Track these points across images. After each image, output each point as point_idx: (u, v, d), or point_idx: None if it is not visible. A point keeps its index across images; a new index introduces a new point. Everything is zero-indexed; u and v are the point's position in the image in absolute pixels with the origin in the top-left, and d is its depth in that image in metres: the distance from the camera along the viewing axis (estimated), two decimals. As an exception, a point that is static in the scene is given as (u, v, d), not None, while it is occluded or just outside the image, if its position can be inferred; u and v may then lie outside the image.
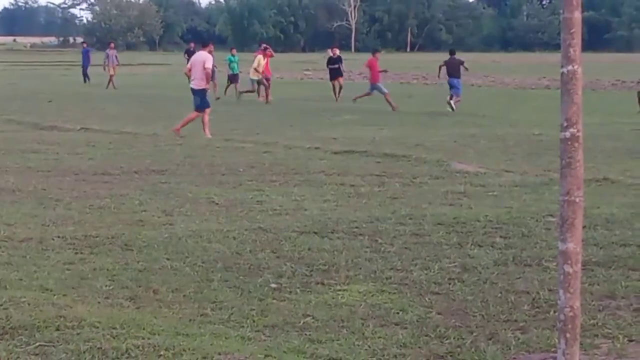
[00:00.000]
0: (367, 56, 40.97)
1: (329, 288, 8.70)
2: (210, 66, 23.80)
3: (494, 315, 7.80)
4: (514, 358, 6.73)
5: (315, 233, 11.21)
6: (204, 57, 23.85)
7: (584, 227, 6.96)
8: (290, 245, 10.50)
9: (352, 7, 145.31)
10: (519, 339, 7.16)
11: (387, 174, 16.61)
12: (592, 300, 8.09)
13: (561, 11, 6.37)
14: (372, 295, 8.42)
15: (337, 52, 42.01)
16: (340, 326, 7.46)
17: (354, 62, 67.74)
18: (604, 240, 10.59)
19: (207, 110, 24.11)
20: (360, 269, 9.41)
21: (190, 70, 24.06)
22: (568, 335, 6.41)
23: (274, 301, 8.26)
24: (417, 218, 12.09)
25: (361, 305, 8.09)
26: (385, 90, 35.94)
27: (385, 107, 34.60)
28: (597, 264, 9.40)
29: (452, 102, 33.48)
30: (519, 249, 10.26)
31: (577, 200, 6.39)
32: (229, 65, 41.91)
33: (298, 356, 6.68)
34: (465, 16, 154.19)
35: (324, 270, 9.36)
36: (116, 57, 50.62)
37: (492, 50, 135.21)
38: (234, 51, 43.70)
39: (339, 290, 8.62)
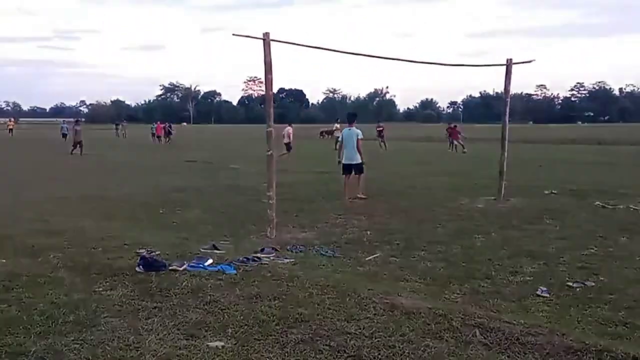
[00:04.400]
0: None
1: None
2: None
3: (242, 220, 10.73)
4: (252, 236, 9.40)
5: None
6: None
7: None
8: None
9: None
10: (252, 228, 9.97)
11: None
12: (284, 213, 10.85)
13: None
14: None
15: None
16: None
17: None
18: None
19: None
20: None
21: None
22: (271, 225, 9.71)
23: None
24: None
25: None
26: None
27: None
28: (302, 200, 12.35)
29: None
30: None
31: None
32: None
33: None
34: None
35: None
36: None
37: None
38: None
39: None
